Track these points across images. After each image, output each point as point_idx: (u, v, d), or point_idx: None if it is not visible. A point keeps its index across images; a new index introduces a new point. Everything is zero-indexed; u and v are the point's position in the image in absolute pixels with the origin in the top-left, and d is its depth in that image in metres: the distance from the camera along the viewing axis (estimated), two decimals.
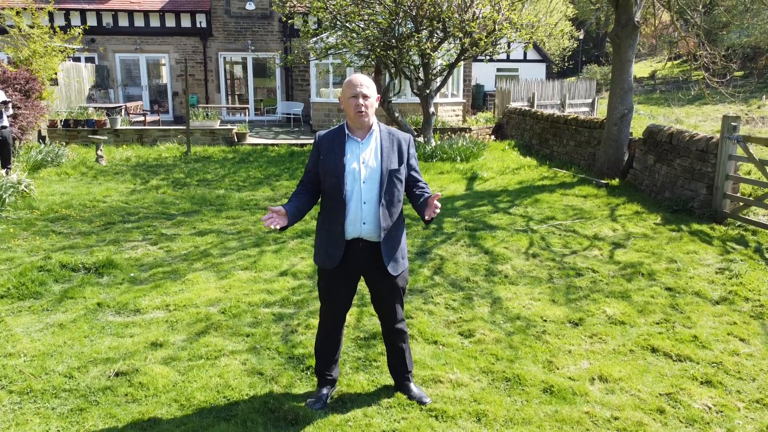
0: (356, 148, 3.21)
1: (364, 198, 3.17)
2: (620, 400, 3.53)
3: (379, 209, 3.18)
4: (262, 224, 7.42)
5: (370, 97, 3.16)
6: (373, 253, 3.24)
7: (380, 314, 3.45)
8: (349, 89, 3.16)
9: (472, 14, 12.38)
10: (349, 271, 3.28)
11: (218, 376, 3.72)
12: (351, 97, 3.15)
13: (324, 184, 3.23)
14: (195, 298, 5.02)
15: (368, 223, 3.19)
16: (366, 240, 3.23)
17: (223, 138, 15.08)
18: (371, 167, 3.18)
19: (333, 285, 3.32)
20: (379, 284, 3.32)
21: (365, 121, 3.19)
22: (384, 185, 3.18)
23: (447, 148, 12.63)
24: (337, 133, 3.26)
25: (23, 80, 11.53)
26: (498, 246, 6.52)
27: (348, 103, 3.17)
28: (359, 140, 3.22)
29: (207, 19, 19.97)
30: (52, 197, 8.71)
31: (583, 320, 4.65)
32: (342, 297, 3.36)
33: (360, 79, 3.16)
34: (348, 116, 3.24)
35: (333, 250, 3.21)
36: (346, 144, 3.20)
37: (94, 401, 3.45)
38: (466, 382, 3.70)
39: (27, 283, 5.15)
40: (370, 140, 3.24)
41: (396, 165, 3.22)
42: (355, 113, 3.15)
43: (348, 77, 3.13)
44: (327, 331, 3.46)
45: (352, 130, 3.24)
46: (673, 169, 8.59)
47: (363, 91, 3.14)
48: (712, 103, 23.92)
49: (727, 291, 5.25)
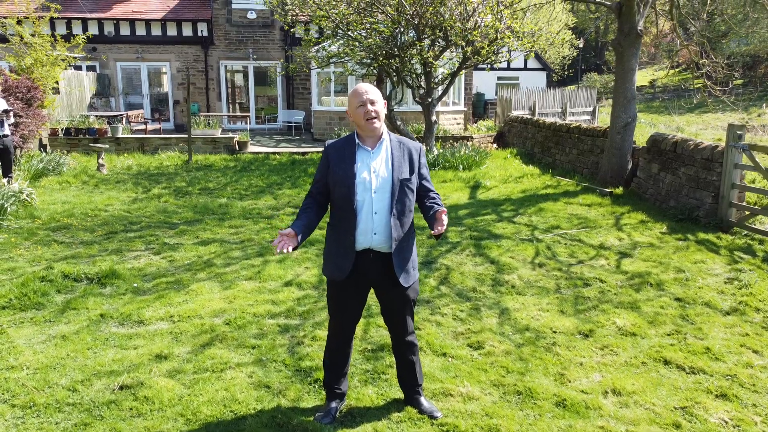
0: (366, 157, 3.16)
1: (375, 208, 3.12)
2: (635, 414, 3.47)
3: (390, 219, 3.13)
4: (265, 234, 7.42)
5: (377, 102, 3.12)
6: (383, 264, 3.18)
7: (390, 327, 3.39)
8: (355, 98, 3.12)
9: (474, 23, 12.40)
10: (359, 283, 3.22)
11: (224, 390, 3.66)
12: (359, 106, 3.11)
13: (334, 194, 3.18)
14: (199, 309, 4.95)
15: (379, 234, 3.13)
16: (377, 251, 3.17)
17: (225, 146, 15.05)
18: (382, 177, 3.13)
19: (343, 296, 3.26)
20: (390, 296, 3.26)
21: (376, 128, 3.15)
22: (395, 195, 3.13)
23: (449, 157, 12.60)
24: (346, 143, 3.21)
25: (25, 89, 11.50)
26: (504, 255, 6.46)
27: (357, 113, 3.13)
28: (369, 149, 3.17)
29: (208, 27, 20.00)
30: (54, 206, 8.66)
31: (594, 332, 4.59)
32: (352, 309, 3.30)
33: (364, 87, 3.13)
34: (358, 126, 3.19)
35: (343, 261, 3.15)
36: (356, 153, 3.16)
37: (99, 416, 3.38)
38: (477, 396, 3.63)
39: (29, 294, 5.08)
40: (380, 149, 3.19)
41: (407, 174, 3.17)
42: (365, 120, 3.11)
43: (351, 88, 3.10)
44: (336, 343, 3.40)
45: (362, 139, 3.19)
46: (677, 178, 8.55)
47: (369, 97, 3.10)
48: (713, 112, 23.95)
49: (737, 301, 5.19)
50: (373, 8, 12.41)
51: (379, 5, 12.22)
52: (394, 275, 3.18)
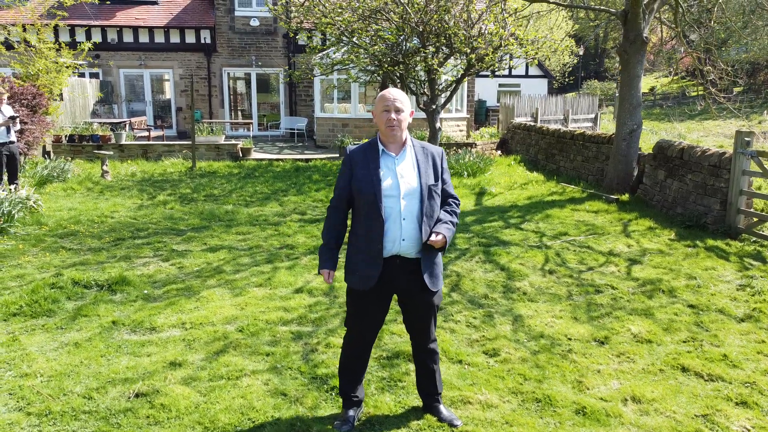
0: (391, 162, 3.14)
1: (403, 214, 3.09)
2: (656, 422, 3.44)
3: (420, 225, 3.10)
4: (273, 240, 7.40)
5: (403, 111, 3.10)
6: (410, 269, 3.15)
7: (413, 334, 3.36)
8: (382, 102, 3.11)
9: (478, 30, 12.43)
10: (383, 290, 3.19)
11: (241, 397, 3.63)
12: (383, 111, 3.10)
13: (359, 202, 3.14)
14: (211, 315, 4.93)
15: (407, 240, 3.10)
16: (403, 257, 3.14)
17: (228, 153, 15.05)
18: (410, 183, 3.11)
19: (365, 304, 3.22)
20: (416, 301, 3.23)
21: (396, 135, 3.13)
22: (424, 201, 3.10)
23: (454, 163, 12.61)
24: (369, 149, 3.18)
25: (30, 95, 11.51)
26: (513, 262, 6.44)
27: (380, 117, 3.12)
28: (394, 155, 3.15)
29: (211, 35, 20.05)
30: (60, 213, 8.63)
31: (609, 338, 4.56)
32: (375, 317, 3.27)
33: (394, 94, 3.11)
34: (380, 130, 3.18)
35: (370, 270, 3.11)
36: (380, 159, 3.13)
37: (116, 423, 3.35)
38: (496, 404, 3.60)
39: (40, 301, 5.05)
40: (405, 155, 3.17)
41: (433, 180, 3.16)
42: (386, 127, 3.10)
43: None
44: (355, 351, 3.36)
45: (385, 144, 3.17)
46: (684, 185, 8.54)
47: (396, 105, 3.08)
48: (714, 119, 24.00)
49: (750, 308, 5.17)
50: (378, 15, 12.45)
51: (383, 12, 12.25)
52: (421, 280, 3.15)
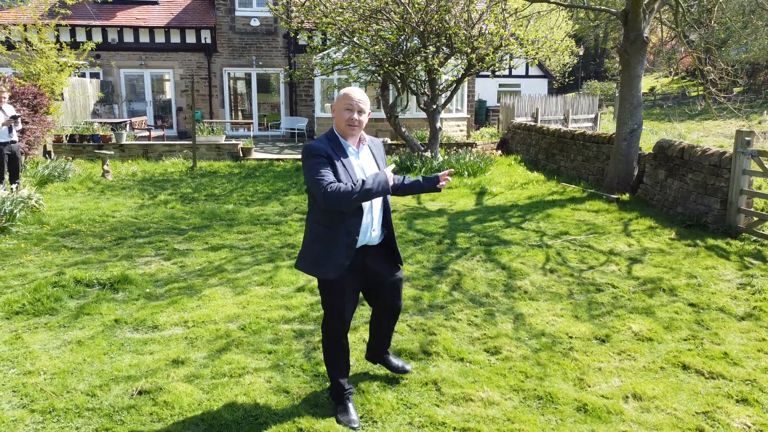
0: (355, 157, 3.25)
1: (374, 206, 3.27)
2: (657, 419, 3.46)
3: (382, 215, 3.34)
4: (274, 240, 7.40)
5: (364, 113, 3.20)
6: (376, 254, 3.38)
7: (383, 304, 3.54)
8: (346, 100, 3.16)
9: (478, 30, 12.45)
10: (354, 275, 3.31)
11: (244, 395, 3.64)
12: (346, 109, 3.15)
13: None
14: (213, 314, 4.94)
15: (377, 229, 3.32)
16: (369, 246, 3.33)
17: (229, 153, 15.06)
18: None
19: (342, 289, 3.29)
20: (387, 279, 3.44)
21: (355, 135, 3.24)
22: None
23: (454, 163, 12.62)
24: (333, 143, 3.18)
25: (31, 95, 11.53)
26: (514, 261, 6.46)
27: (341, 114, 3.17)
28: (356, 150, 3.27)
29: (212, 35, 20.07)
30: (61, 212, 8.65)
31: (610, 337, 4.58)
32: (352, 300, 3.37)
33: (359, 95, 3.17)
34: (337, 124, 3.22)
35: (343, 259, 3.20)
36: (348, 153, 3.22)
37: (119, 420, 3.36)
38: (498, 401, 3.62)
39: (42, 299, 5.07)
40: (363, 148, 3.31)
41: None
42: (347, 126, 3.17)
43: (344, 89, 3.16)
44: (339, 340, 3.44)
45: (347, 139, 3.23)
46: (685, 184, 8.56)
47: (360, 106, 3.16)
48: (713, 119, 24.02)
49: (751, 307, 5.19)
50: (379, 15, 12.47)
51: (384, 12, 12.27)
52: (390, 260, 3.45)
